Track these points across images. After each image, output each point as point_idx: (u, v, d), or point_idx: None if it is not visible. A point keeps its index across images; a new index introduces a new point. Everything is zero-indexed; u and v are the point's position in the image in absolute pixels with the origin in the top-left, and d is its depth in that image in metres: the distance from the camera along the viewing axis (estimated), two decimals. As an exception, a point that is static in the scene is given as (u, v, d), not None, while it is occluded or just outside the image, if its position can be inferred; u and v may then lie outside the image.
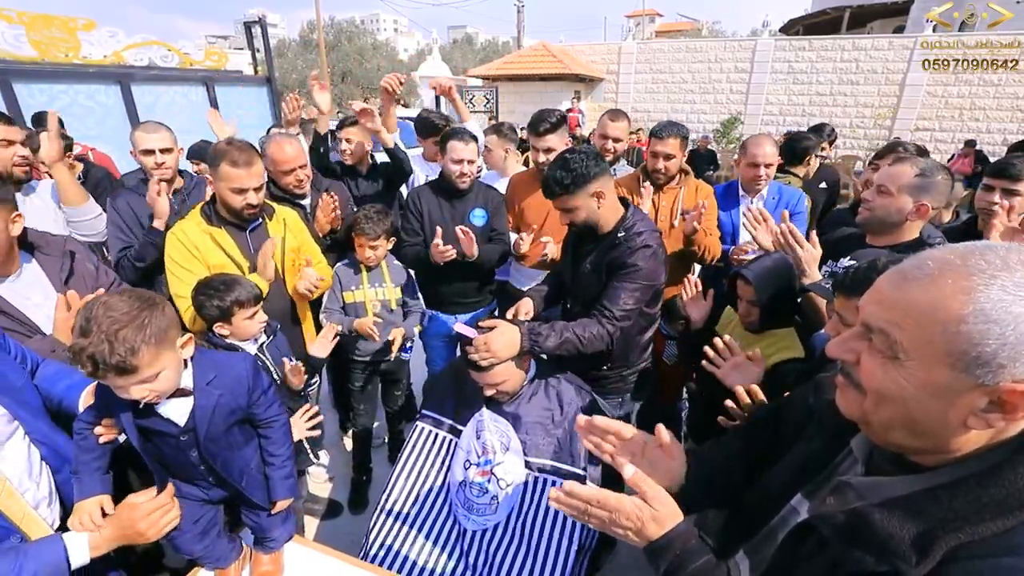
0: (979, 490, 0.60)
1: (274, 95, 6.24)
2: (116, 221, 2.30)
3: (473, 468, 1.69)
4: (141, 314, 1.07)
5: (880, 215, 1.80)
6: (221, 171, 1.92)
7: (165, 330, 1.11)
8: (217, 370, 1.32)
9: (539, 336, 1.70)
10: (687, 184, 2.65)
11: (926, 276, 0.60)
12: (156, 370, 1.11)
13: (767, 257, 1.84)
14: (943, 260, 0.60)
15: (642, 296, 1.81)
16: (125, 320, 1.05)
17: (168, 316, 1.14)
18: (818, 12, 20.85)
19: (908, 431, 0.65)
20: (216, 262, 1.98)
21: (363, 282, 2.40)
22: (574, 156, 1.76)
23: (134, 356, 1.04)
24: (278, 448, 1.49)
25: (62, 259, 1.70)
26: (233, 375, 1.34)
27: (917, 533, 0.61)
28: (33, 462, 1.26)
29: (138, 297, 1.11)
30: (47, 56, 4.42)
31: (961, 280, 0.57)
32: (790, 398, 1.09)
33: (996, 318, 0.55)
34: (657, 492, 0.85)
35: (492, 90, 12.86)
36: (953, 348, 0.57)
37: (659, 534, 0.83)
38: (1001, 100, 12.65)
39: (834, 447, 0.84)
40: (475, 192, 2.58)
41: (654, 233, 1.86)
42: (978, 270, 0.57)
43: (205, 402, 1.28)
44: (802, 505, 0.84)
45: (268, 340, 1.92)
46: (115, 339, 1.02)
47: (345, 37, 30.78)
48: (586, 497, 0.86)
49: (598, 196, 1.79)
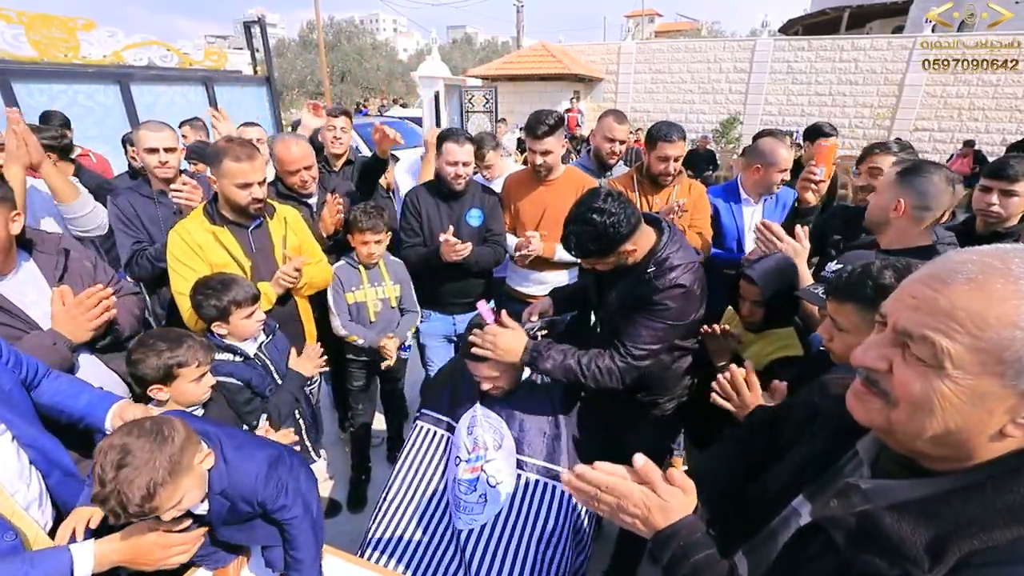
0: (994, 495, 0.59)
1: (273, 95, 6.25)
2: (120, 217, 2.31)
3: (463, 464, 1.68)
4: (152, 456, 1.07)
5: (871, 214, 1.83)
6: (224, 167, 1.93)
7: (179, 460, 1.11)
8: (229, 478, 1.28)
9: (538, 355, 1.64)
10: (680, 182, 2.66)
11: (970, 280, 0.58)
12: (178, 499, 1.13)
13: (770, 257, 1.84)
14: (983, 263, 0.58)
15: (666, 336, 1.63)
16: (137, 467, 1.05)
17: (179, 443, 1.13)
18: (817, 12, 20.85)
19: (935, 442, 0.63)
20: (218, 261, 1.99)
21: (363, 282, 2.40)
22: (603, 221, 1.49)
23: (151, 500, 1.06)
24: (299, 552, 1.40)
25: (56, 257, 1.70)
26: (244, 486, 1.31)
27: (930, 538, 0.60)
28: (23, 464, 1.26)
29: (147, 433, 1.10)
30: (46, 56, 4.42)
31: (1010, 284, 0.55)
32: (792, 399, 1.09)
33: None
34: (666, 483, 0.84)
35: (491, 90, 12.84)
36: (1007, 355, 0.55)
37: (665, 524, 0.82)
38: (1000, 100, 12.65)
39: (838, 448, 0.83)
40: (471, 193, 2.59)
41: (690, 266, 1.61)
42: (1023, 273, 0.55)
43: (217, 507, 1.28)
44: (804, 507, 0.84)
45: (267, 340, 1.93)
46: (130, 490, 1.04)
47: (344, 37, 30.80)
48: (596, 481, 0.84)
49: (629, 254, 1.61)
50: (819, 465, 0.84)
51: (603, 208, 1.49)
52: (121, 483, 1.03)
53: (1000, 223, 2.16)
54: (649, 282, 1.59)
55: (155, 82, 5.08)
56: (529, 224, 2.62)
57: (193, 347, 1.55)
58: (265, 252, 2.13)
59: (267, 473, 1.34)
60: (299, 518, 1.39)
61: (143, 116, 4.86)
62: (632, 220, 1.53)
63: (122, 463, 1.05)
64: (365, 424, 2.70)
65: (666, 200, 2.60)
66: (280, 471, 1.38)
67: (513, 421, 1.74)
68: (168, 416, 1.20)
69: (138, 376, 1.53)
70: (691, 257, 1.64)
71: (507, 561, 1.53)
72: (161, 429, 1.13)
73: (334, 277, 2.39)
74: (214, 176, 1.98)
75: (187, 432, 1.18)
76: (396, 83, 31.90)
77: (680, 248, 1.63)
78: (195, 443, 1.19)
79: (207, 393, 1.62)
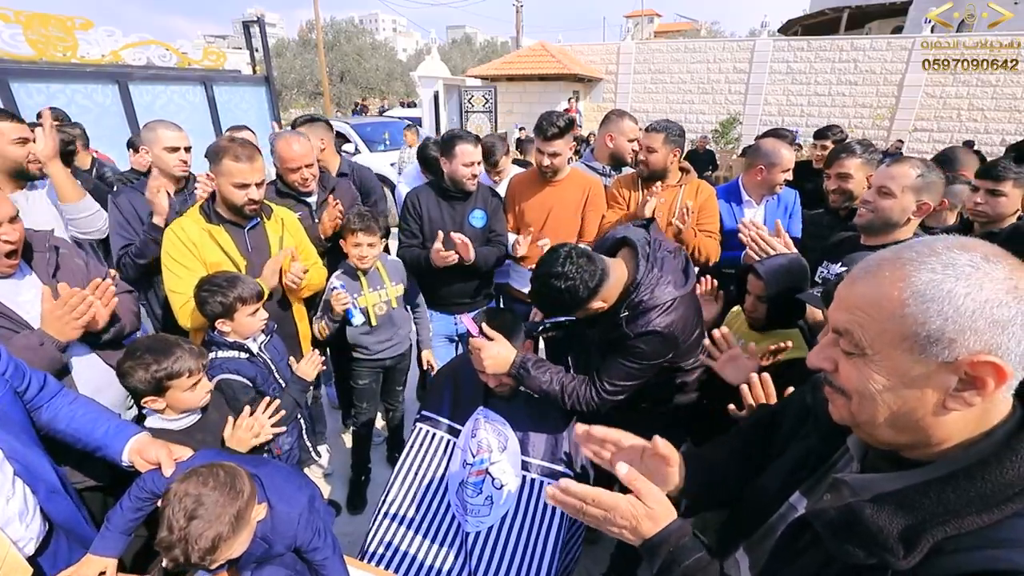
0: (967, 484, 0.62)
1: (272, 95, 6.24)
2: (117, 218, 2.30)
3: (469, 468, 1.69)
4: (224, 510, 1.09)
5: (884, 216, 1.81)
6: (223, 166, 1.92)
7: (244, 515, 1.13)
8: (273, 525, 1.30)
9: (526, 371, 1.63)
10: (688, 183, 2.64)
11: (868, 273, 0.67)
12: (234, 551, 1.14)
13: (782, 255, 1.84)
14: (879, 257, 0.68)
15: (641, 374, 1.60)
16: (208, 520, 1.06)
17: (246, 497, 1.15)
18: (817, 12, 20.90)
19: (892, 426, 0.67)
20: (214, 260, 1.98)
21: (364, 287, 2.37)
22: (561, 287, 1.46)
23: (213, 553, 1.07)
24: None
25: (47, 254, 1.69)
26: (284, 532, 1.33)
27: (905, 526, 0.63)
28: (5, 476, 1.22)
29: (223, 486, 1.12)
30: (44, 55, 4.41)
31: (896, 270, 0.64)
32: (788, 398, 1.10)
33: (932, 296, 0.60)
34: (651, 490, 0.86)
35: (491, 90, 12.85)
36: (905, 331, 0.62)
37: (653, 531, 0.83)
38: (999, 101, 12.68)
39: (831, 445, 0.85)
40: (474, 193, 2.58)
41: (668, 306, 1.52)
42: (908, 259, 0.63)
43: (255, 550, 1.28)
44: (800, 502, 0.86)
45: (267, 339, 1.92)
46: (197, 542, 1.05)
47: (344, 37, 30.74)
48: (581, 495, 0.86)
49: (597, 309, 1.57)
50: (814, 462, 0.87)
51: (561, 273, 1.45)
52: (191, 534, 1.05)
53: (991, 223, 2.19)
54: (622, 326, 1.53)
55: (154, 82, 5.07)
56: (534, 225, 2.61)
57: (182, 356, 1.47)
58: (261, 252, 2.12)
59: (308, 517, 1.36)
60: (331, 557, 1.42)
61: (141, 116, 4.84)
62: (596, 279, 1.47)
63: (195, 514, 1.06)
64: (368, 423, 2.68)
65: (673, 200, 2.59)
66: (316, 512, 1.40)
67: (517, 422, 1.73)
68: (237, 468, 1.21)
69: (129, 388, 1.49)
70: (672, 293, 1.53)
71: (515, 562, 1.54)
72: (235, 484, 1.14)
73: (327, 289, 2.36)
74: (213, 174, 1.97)
75: (252, 487, 1.20)
76: (395, 83, 31.89)
77: (659, 283, 1.52)
78: (255, 497, 1.21)
79: (205, 399, 1.58)
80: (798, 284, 1.70)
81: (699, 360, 1.74)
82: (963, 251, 0.61)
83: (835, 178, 2.44)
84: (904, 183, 1.75)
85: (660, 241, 1.65)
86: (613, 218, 2.64)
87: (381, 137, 9.66)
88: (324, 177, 2.69)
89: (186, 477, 1.14)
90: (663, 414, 1.91)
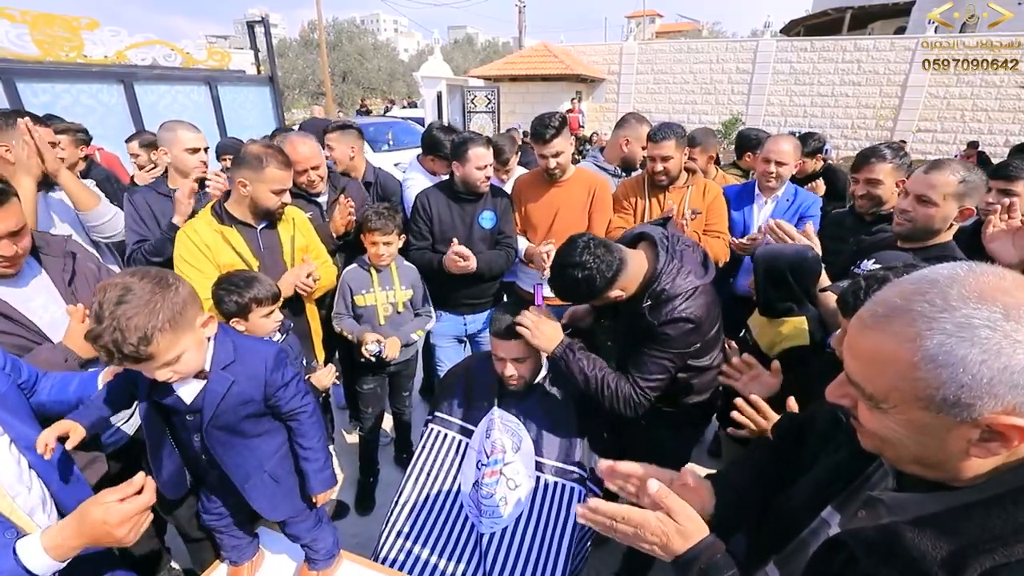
0: (1014, 509, 0.58)
1: (277, 95, 6.23)
2: (132, 215, 2.32)
3: (483, 468, 1.68)
4: (153, 298, 1.03)
5: (923, 225, 1.76)
6: (266, 173, 1.94)
7: (181, 312, 1.07)
8: (236, 355, 1.29)
9: (571, 354, 1.63)
10: (695, 183, 2.63)
11: (877, 324, 0.62)
12: (176, 353, 1.08)
13: (789, 245, 1.87)
14: (890, 304, 0.61)
15: (674, 364, 1.60)
16: (137, 305, 1.01)
17: (183, 296, 1.10)
18: (819, 13, 20.87)
19: (918, 464, 0.65)
20: (226, 261, 1.98)
21: (374, 285, 2.37)
22: (580, 275, 1.47)
23: (148, 345, 1.02)
24: (309, 440, 1.45)
25: (64, 259, 1.68)
26: (252, 365, 1.31)
27: (949, 552, 0.59)
28: (22, 468, 1.23)
29: (151, 278, 1.07)
30: (50, 55, 4.41)
31: (906, 327, 0.58)
32: (816, 408, 1.08)
33: (944, 362, 0.55)
34: (682, 507, 0.85)
35: (493, 90, 12.84)
36: (919, 393, 0.58)
37: (684, 548, 0.82)
38: (1003, 101, 12.66)
39: (864, 458, 0.82)
40: (484, 195, 2.57)
41: (691, 294, 1.53)
42: (920, 314, 0.57)
43: (217, 387, 1.25)
44: (833, 517, 0.84)
45: (282, 339, 1.92)
46: (127, 328, 0.99)
47: (346, 37, 30.77)
48: (611, 513, 0.86)
49: (617, 297, 1.57)
50: (846, 475, 0.84)
51: (580, 262, 1.47)
52: (119, 319, 0.99)
53: None
54: (646, 315, 1.54)
55: (159, 81, 5.06)
56: (541, 226, 2.60)
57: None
58: (273, 252, 2.12)
59: (275, 361, 1.35)
60: (308, 411, 1.42)
61: (147, 116, 4.84)
62: (613, 269, 1.48)
63: (122, 299, 1.01)
64: (374, 426, 2.67)
65: (680, 201, 2.58)
66: (287, 366, 1.39)
67: (531, 423, 1.72)
68: (170, 272, 1.16)
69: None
70: (693, 282, 1.54)
71: (530, 563, 1.53)
72: (166, 276, 1.09)
73: (343, 281, 2.37)
74: (245, 179, 1.96)
75: (193, 291, 1.15)
76: (397, 83, 31.91)
77: (680, 273, 1.54)
78: (199, 303, 1.15)
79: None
80: (783, 269, 1.71)
81: (716, 359, 1.73)
82: (981, 304, 0.55)
83: (863, 183, 2.33)
84: (946, 191, 1.69)
85: (678, 236, 1.67)
86: (620, 224, 2.63)
87: (384, 137, 9.66)
88: (333, 177, 2.69)
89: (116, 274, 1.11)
90: (679, 421, 1.90)
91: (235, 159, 2.02)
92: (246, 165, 1.95)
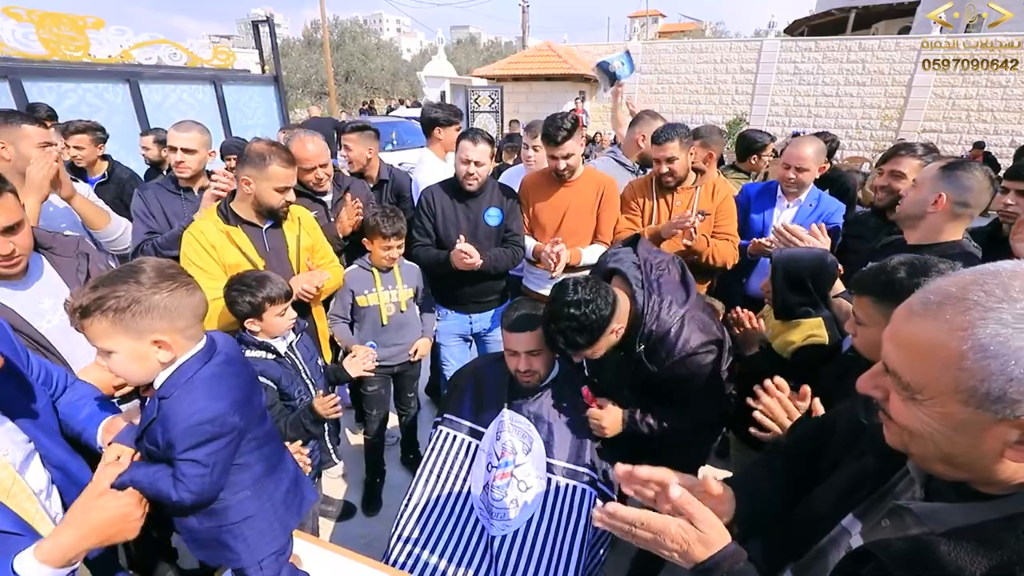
0: None
1: (281, 94, 6.23)
2: (142, 208, 2.34)
3: (494, 470, 1.67)
4: (118, 285, 0.99)
5: (906, 208, 1.83)
6: (270, 171, 1.94)
7: (125, 310, 0.99)
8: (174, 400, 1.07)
9: (636, 424, 1.73)
10: (704, 184, 2.61)
11: (928, 311, 0.60)
12: (104, 346, 1.02)
13: (807, 248, 1.87)
14: (944, 292, 0.59)
15: (717, 391, 1.66)
16: (107, 283, 1.00)
17: (158, 303, 1.01)
18: (823, 13, 20.78)
19: (946, 464, 0.63)
20: (232, 261, 1.98)
21: (376, 285, 2.37)
22: (583, 312, 1.44)
23: (84, 318, 0.99)
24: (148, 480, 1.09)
25: (77, 260, 1.65)
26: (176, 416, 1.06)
27: (989, 568, 0.56)
28: (47, 483, 1.21)
29: (142, 271, 1.03)
30: (56, 54, 4.41)
31: (959, 315, 0.56)
32: (833, 414, 1.06)
33: (995, 353, 0.53)
34: (704, 514, 0.82)
35: (497, 90, 12.84)
36: (961, 385, 0.56)
37: (705, 556, 0.80)
38: (1009, 102, 12.58)
39: (888, 466, 0.81)
40: (489, 191, 2.55)
41: (681, 327, 1.53)
42: (975, 303, 0.55)
43: (149, 413, 1.10)
44: (854, 526, 0.81)
45: (297, 339, 1.92)
46: (91, 289, 0.99)
47: (349, 37, 30.75)
48: (630, 519, 0.84)
49: (616, 332, 1.54)
50: (870, 483, 0.82)
51: (578, 299, 1.44)
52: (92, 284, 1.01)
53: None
54: (644, 362, 1.55)
55: (164, 81, 5.06)
56: (549, 227, 2.58)
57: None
58: (279, 252, 2.12)
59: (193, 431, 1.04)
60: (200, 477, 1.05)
61: (152, 115, 4.85)
62: (609, 298, 1.48)
63: (120, 271, 1.03)
64: (379, 428, 2.67)
65: (689, 202, 2.56)
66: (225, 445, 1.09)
67: (541, 424, 1.71)
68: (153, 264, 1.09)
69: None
70: (677, 313, 1.53)
71: (541, 566, 1.52)
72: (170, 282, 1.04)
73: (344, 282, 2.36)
74: (249, 177, 1.96)
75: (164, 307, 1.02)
76: (400, 83, 31.91)
77: (663, 308, 1.53)
78: (166, 321, 1.03)
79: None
80: (802, 273, 1.70)
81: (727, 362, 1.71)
82: None
83: (888, 175, 2.31)
84: (927, 175, 1.75)
85: (650, 261, 1.64)
86: (628, 225, 2.61)
87: (389, 137, 9.66)
88: (338, 176, 2.69)
89: None
90: None
91: (239, 158, 2.02)
92: (250, 163, 1.95)
